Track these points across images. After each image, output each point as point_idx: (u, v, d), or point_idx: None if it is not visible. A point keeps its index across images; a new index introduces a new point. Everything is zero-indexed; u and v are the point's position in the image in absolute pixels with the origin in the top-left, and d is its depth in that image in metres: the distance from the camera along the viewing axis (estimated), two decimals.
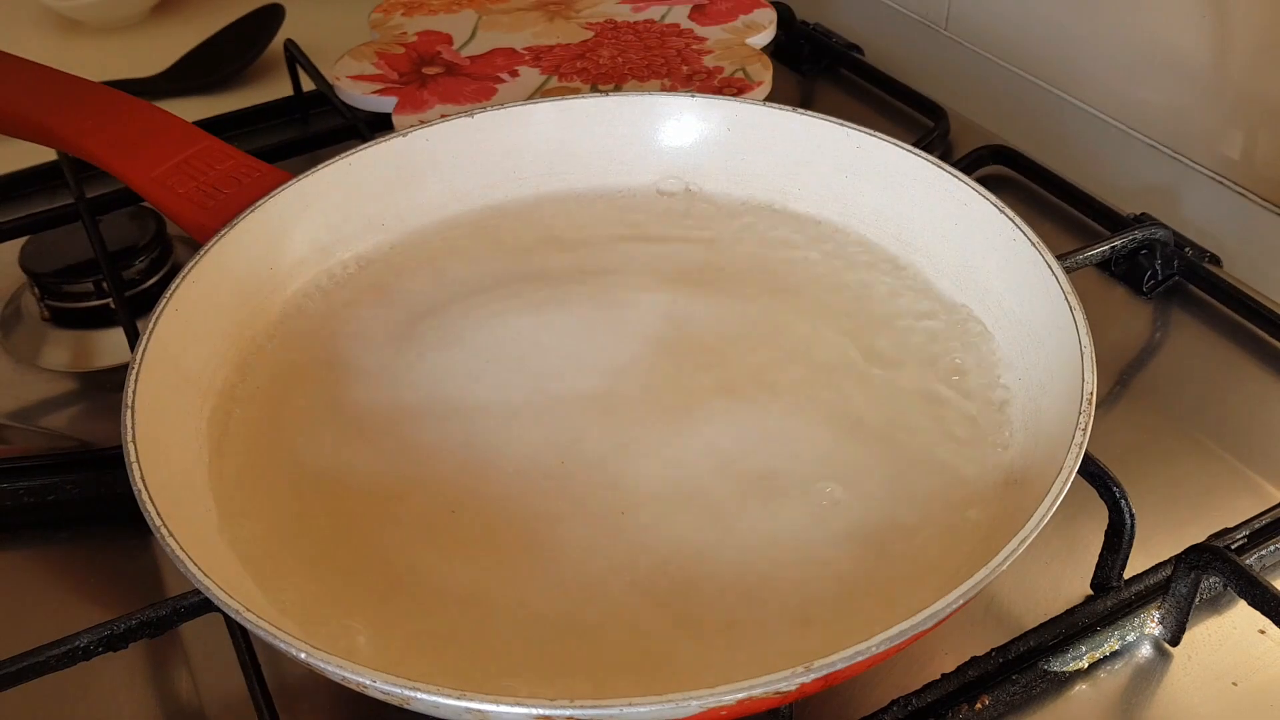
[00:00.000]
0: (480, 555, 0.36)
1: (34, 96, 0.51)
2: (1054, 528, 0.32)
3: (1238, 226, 0.57)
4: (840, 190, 0.48)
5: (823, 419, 0.40)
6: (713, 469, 0.38)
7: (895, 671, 0.37)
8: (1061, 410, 0.36)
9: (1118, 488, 0.38)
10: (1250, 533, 0.40)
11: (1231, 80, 0.55)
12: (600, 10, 0.68)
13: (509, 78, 0.61)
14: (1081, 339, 0.37)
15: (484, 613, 0.34)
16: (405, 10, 0.68)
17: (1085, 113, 0.64)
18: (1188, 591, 0.37)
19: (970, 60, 0.70)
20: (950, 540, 0.36)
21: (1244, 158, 0.56)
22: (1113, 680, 0.38)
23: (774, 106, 0.50)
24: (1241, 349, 0.50)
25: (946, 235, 0.45)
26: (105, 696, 0.38)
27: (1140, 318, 0.52)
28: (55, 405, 0.51)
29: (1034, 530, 0.31)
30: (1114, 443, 0.45)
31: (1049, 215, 0.58)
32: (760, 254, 0.48)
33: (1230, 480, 0.44)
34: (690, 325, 0.44)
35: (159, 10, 0.80)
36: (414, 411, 0.41)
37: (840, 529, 0.37)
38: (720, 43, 0.64)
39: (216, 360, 0.41)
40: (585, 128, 0.51)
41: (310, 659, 0.28)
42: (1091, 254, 0.50)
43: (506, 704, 0.27)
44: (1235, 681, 0.37)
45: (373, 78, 0.61)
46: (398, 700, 0.28)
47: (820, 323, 0.44)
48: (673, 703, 0.27)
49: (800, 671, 0.27)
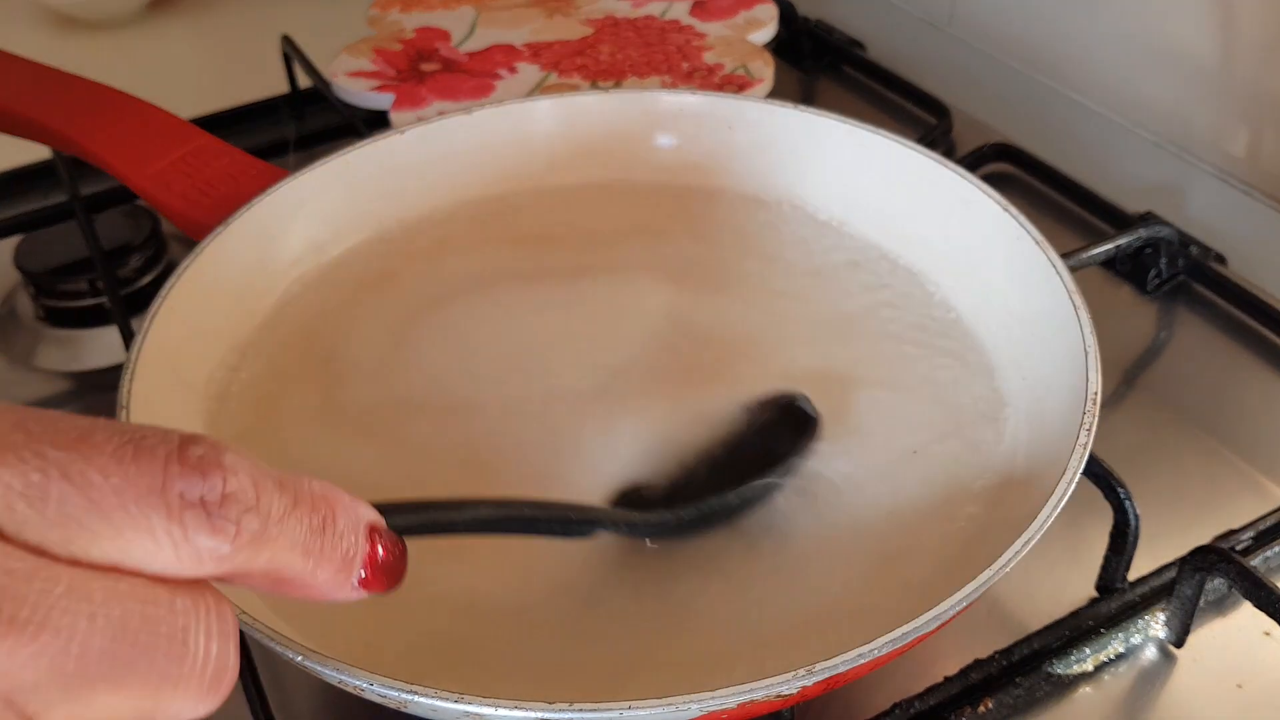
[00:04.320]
0: (479, 555, 0.36)
1: (29, 94, 0.50)
2: (1058, 529, 0.31)
3: (1243, 225, 0.56)
4: (842, 188, 0.48)
5: (823, 419, 0.40)
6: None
7: (898, 674, 0.37)
8: (1066, 410, 0.36)
9: (1122, 488, 0.38)
10: (1256, 534, 0.40)
11: (1237, 78, 0.55)
12: (600, 6, 0.67)
13: (508, 74, 0.61)
14: (1086, 338, 0.37)
15: (483, 614, 0.34)
16: (403, 6, 0.68)
17: (1090, 110, 0.64)
18: (1192, 593, 0.37)
19: (974, 57, 0.70)
20: (953, 541, 0.36)
21: (1249, 155, 0.56)
22: (1117, 683, 0.37)
23: (775, 103, 0.49)
24: (1247, 348, 0.50)
25: (949, 233, 0.45)
26: None
27: (1145, 317, 0.52)
28: (50, 405, 0.50)
29: (1038, 531, 0.30)
30: (1118, 443, 0.45)
31: (1053, 213, 0.58)
32: (761, 252, 0.47)
33: (1236, 481, 0.44)
34: (690, 323, 0.44)
35: (154, 7, 0.80)
36: (411, 409, 0.41)
37: (841, 529, 0.36)
38: (721, 39, 0.64)
39: (212, 359, 0.41)
40: (584, 125, 0.51)
41: (308, 662, 0.28)
42: (1096, 252, 0.50)
43: (506, 707, 0.27)
44: (1240, 684, 0.37)
45: (370, 74, 0.61)
46: (395, 703, 0.28)
47: (821, 321, 0.44)
48: (673, 705, 0.27)
49: (802, 674, 0.27)
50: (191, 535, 0.18)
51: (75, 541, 0.18)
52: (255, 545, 0.19)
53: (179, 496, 0.18)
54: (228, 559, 0.19)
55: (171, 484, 0.18)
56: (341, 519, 0.21)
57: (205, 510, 0.18)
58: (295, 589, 0.21)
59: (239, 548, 0.19)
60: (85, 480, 0.18)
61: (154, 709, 0.18)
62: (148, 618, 0.18)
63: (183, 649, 0.18)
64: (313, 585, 0.21)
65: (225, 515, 0.18)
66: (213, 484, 0.18)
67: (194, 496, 0.18)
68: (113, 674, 0.17)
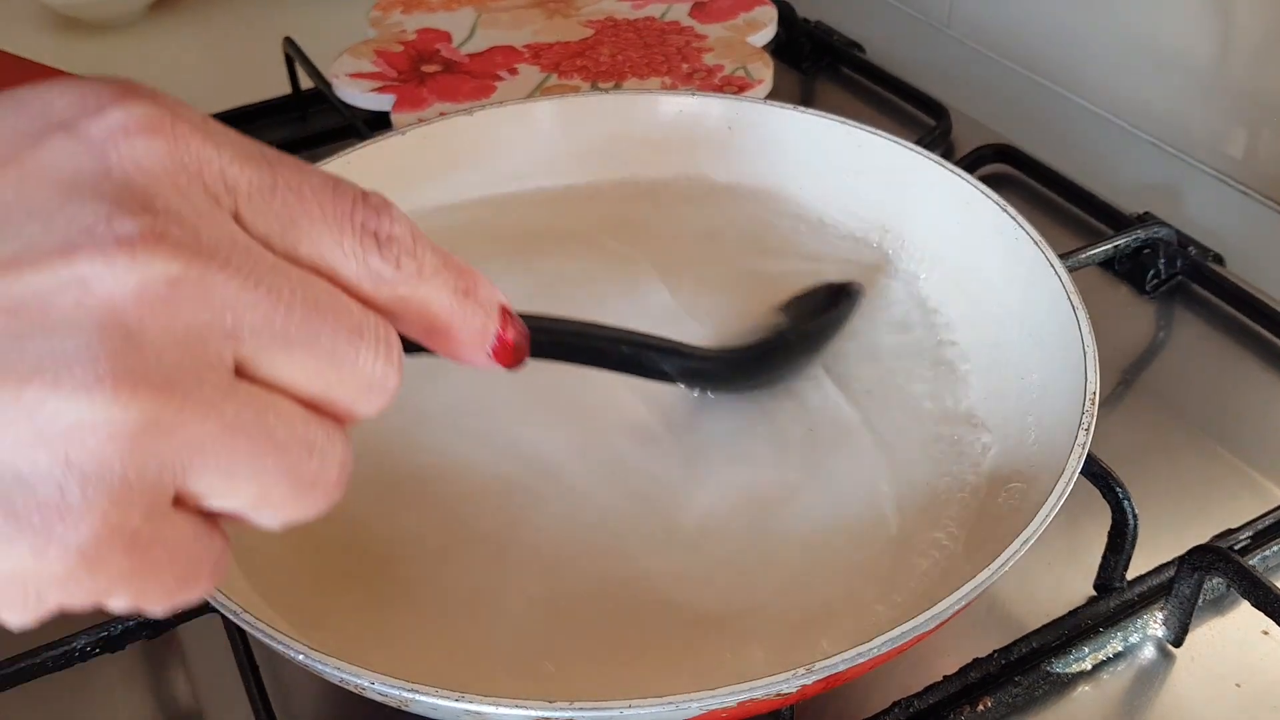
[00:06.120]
0: (481, 556, 0.36)
1: None
2: (1056, 528, 0.31)
3: (1241, 225, 0.56)
4: (841, 189, 0.48)
5: (820, 418, 0.40)
6: (714, 474, 0.38)
7: (897, 673, 0.37)
8: (1064, 410, 0.36)
9: (1120, 488, 0.38)
10: (1254, 533, 0.40)
11: (1234, 78, 0.55)
12: (600, 8, 0.68)
13: (508, 75, 0.61)
14: (1084, 338, 0.37)
15: (484, 614, 0.34)
16: (404, 8, 0.68)
17: (1088, 111, 0.64)
18: (1191, 592, 0.37)
19: (972, 58, 0.70)
20: (951, 540, 0.36)
21: (1247, 156, 0.56)
22: (1115, 682, 0.37)
23: (775, 104, 0.50)
24: (1245, 348, 0.50)
25: (948, 234, 0.45)
26: (103, 698, 0.38)
27: (1143, 317, 0.52)
28: None
29: (1037, 531, 0.31)
30: (1117, 443, 0.45)
31: (1051, 214, 0.58)
32: (761, 252, 0.47)
33: (1234, 480, 0.44)
34: (692, 324, 0.44)
35: (157, 8, 0.80)
36: (413, 409, 0.41)
37: (840, 530, 0.36)
38: (721, 40, 0.64)
39: None
40: (585, 126, 0.51)
41: (309, 660, 0.28)
42: (1094, 253, 0.50)
43: (506, 705, 0.27)
44: (1238, 683, 0.37)
45: (371, 75, 0.61)
46: (396, 702, 0.28)
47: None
48: (673, 704, 0.27)
49: (802, 673, 0.27)
50: (368, 255, 0.22)
51: (288, 236, 0.22)
52: (412, 282, 0.23)
53: (361, 225, 0.22)
54: (389, 284, 0.23)
55: (357, 213, 0.22)
56: (483, 291, 0.25)
57: (377, 240, 0.23)
58: (442, 340, 0.25)
59: (400, 279, 0.23)
60: (302, 192, 0.22)
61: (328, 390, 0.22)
62: (336, 307, 0.22)
63: (358, 341, 0.22)
64: (456, 341, 0.25)
65: (391, 249, 0.23)
66: (384, 223, 0.23)
67: (371, 228, 0.22)
68: (306, 340, 0.21)
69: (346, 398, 0.22)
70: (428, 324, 0.24)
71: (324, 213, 0.22)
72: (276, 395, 0.21)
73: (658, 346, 0.37)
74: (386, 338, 0.23)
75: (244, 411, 0.20)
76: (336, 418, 0.23)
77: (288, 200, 0.22)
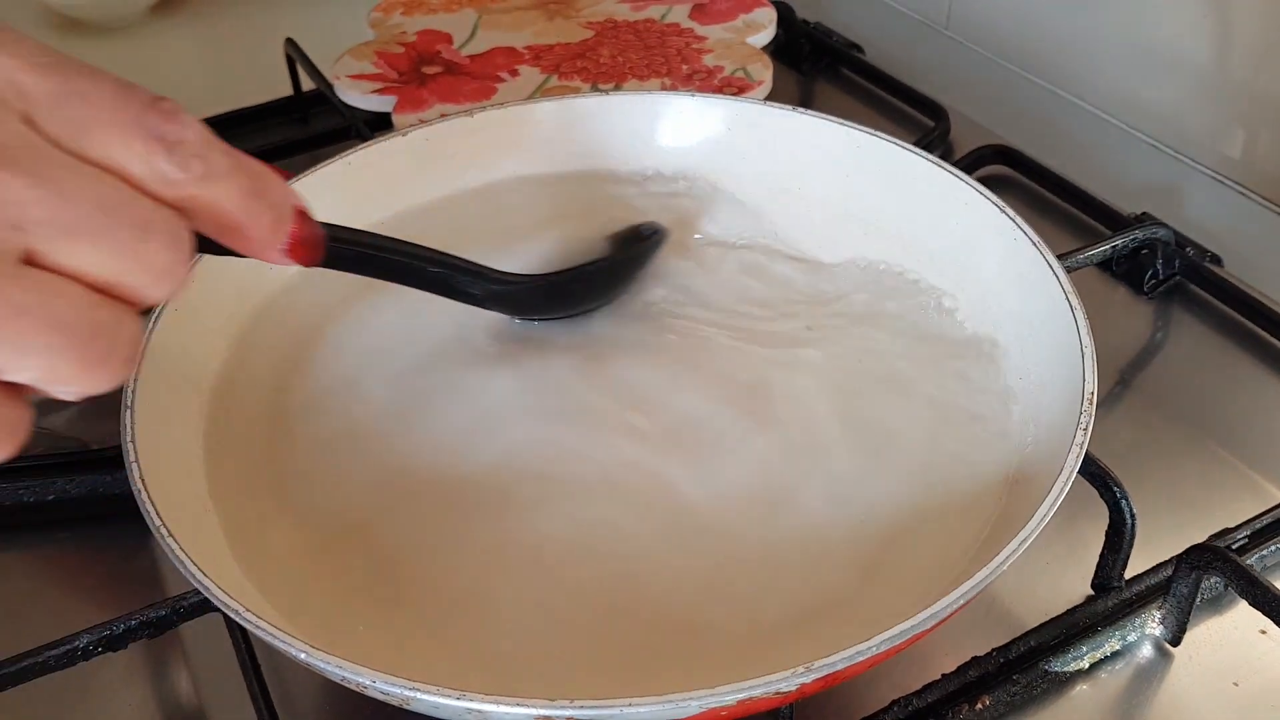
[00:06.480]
0: (481, 556, 0.36)
1: None
2: (1055, 528, 0.31)
3: (1239, 226, 0.57)
4: (840, 190, 0.48)
5: (821, 418, 0.40)
6: (715, 474, 0.38)
7: (896, 672, 0.37)
8: (1062, 410, 0.36)
9: (1118, 487, 0.38)
10: (1251, 533, 0.40)
11: (1232, 79, 0.55)
12: (600, 9, 0.68)
13: (509, 77, 0.61)
14: (1082, 338, 0.37)
15: (485, 614, 0.34)
16: (405, 9, 0.68)
17: (1086, 112, 0.64)
18: (1189, 591, 0.37)
19: (971, 59, 0.70)
20: (950, 540, 0.36)
21: (1245, 157, 0.56)
22: (1114, 680, 0.38)
23: (774, 106, 0.50)
24: (1242, 349, 0.50)
25: (947, 234, 0.45)
26: (105, 697, 0.38)
27: (1141, 317, 0.52)
28: (55, 405, 0.50)
29: (1035, 530, 0.31)
30: (1115, 442, 0.45)
31: (1050, 215, 0.58)
32: (760, 253, 0.48)
33: (1231, 480, 0.44)
34: (693, 326, 0.44)
35: (159, 9, 0.80)
36: (415, 406, 0.41)
37: (840, 530, 0.37)
38: (720, 42, 0.64)
39: (216, 359, 0.41)
40: (585, 127, 0.51)
41: (311, 659, 0.28)
42: (1092, 253, 0.50)
43: (506, 704, 0.27)
44: (1236, 682, 0.37)
45: (372, 77, 0.61)
46: (398, 700, 0.28)
47: (817, 322, 0.44)
48: (673, 703, 0.27)
49: (800, 671, 0.27)
50: (154, 158, 0.24)
51: (79, 139, 0.24)
52: (201, 183, 0.25)
53: (149, 129, 0.24)
54: (178, 185, 0.25)
55: (147, 118, 0.24)
56: (275, 192, 0.27)
57: (165, 144, 0.25)
58: (236, 237, 0.27)
59: (189, 181, 0.25)
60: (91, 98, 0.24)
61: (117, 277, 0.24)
62: (122, 201, 0.24)
63: (144, 233, 0.24)
64: (249, 238, 0.27)
65: (177, 152, 0.25)
66: (172, 127, 0.25)
67: (158, 132, 0.25)
68: (92, 231, 0.23)
69: (135, 284, 0.24)
70: (220, 222, 0.26)
71: (113, 117, 0.24)
72: (65, 280, 0.23)
73: (464, 268, 0.38)
74: (174, 231, 0.25)
75: (29, 295, 0.23)
76: (127, 301, 0.25)
77: (76, 105, 0.24)
